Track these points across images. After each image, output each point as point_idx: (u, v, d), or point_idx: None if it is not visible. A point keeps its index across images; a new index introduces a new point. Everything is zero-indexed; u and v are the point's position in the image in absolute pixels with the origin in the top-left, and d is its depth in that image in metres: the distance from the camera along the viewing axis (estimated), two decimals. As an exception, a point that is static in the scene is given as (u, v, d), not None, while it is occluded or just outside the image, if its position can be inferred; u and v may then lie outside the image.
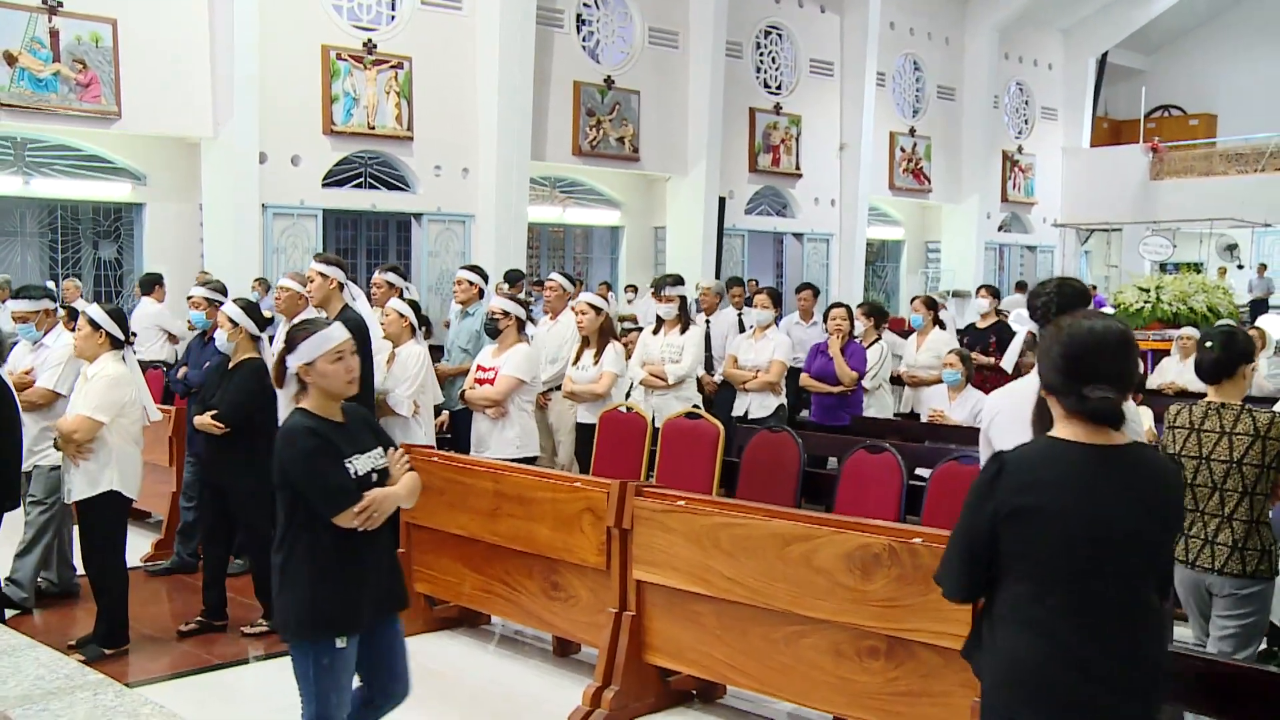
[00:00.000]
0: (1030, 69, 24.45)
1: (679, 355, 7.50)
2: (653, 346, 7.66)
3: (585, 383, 7.11)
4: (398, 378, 6.30)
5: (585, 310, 7.13)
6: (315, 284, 6.12)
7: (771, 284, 19.54)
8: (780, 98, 19.46)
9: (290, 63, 13.55)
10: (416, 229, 15.34)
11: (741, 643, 4.49)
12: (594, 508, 4.95)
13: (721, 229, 18.29)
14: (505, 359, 6.41)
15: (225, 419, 5.67)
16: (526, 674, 5.48)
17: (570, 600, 5.16)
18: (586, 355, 7.16)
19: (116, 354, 5.45)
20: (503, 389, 6.34)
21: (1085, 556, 2.52)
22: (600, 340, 7.13)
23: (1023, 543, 2.57)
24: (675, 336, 7.57)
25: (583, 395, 7.13)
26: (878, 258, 22.83)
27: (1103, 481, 2.53)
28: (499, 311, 6.53)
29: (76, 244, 13.48)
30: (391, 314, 6.45)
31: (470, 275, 8.02)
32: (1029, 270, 24.82)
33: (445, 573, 5.75)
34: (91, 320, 5.39)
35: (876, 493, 5.87)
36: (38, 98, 11.78)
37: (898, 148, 21.59)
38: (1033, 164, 24.46)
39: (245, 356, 5.79)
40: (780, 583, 4.30)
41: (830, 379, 7.92)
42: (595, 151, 16.77)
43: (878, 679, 4.07)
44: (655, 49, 17.45)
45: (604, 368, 7.07)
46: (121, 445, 5.39)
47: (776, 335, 7.92)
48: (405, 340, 6.40)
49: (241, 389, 5.71)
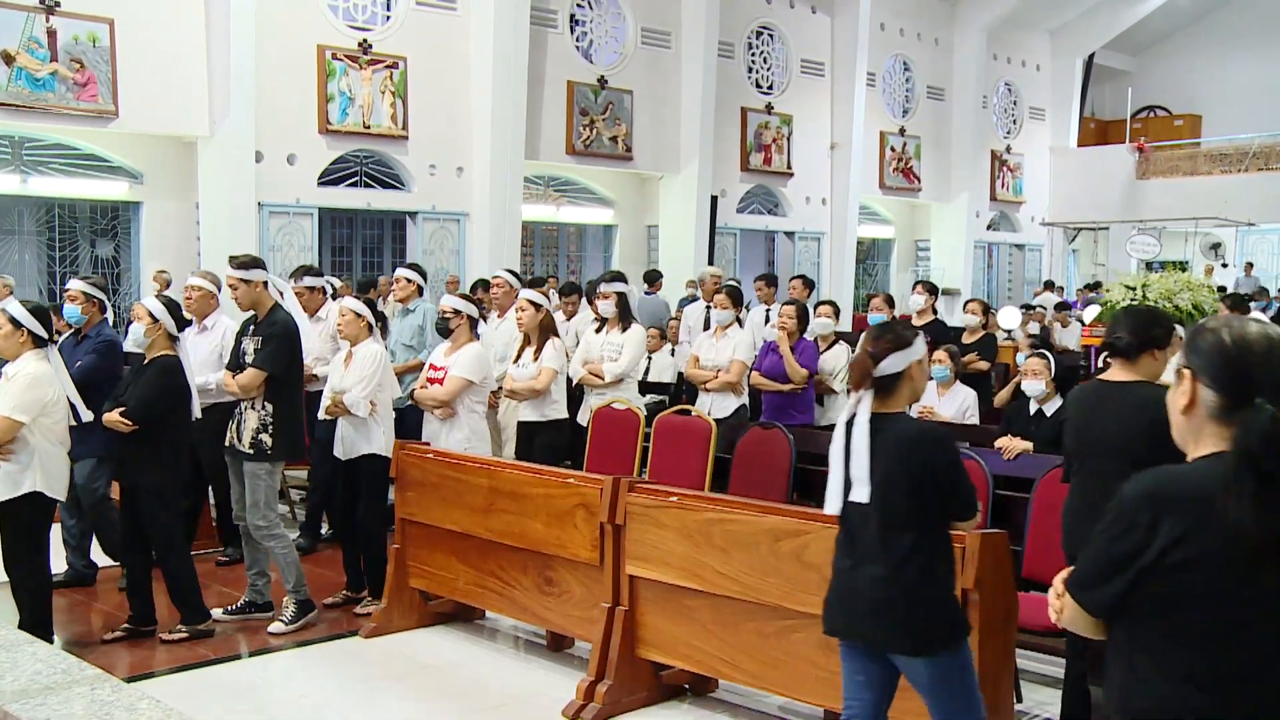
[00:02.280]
0: (1018, 69, 24.48)
1: (618, 354, 7.32)
2: (594, 345, 7.50)
3: (525, 380, 6.88)
4: (354, 378, 6.12)
5: (525, 307, 6.90)
6: (239, 290, 5.91)
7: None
8: (772, 97, 19.46)
9: (286, 62, 13.51)
10: (411, 227, 15.31)
11: (734, 637, 4.49)
12: (587, 504, 4.94)
13: (714, 227, 18.28)
14: (455, 359, 6.26)
15: (134, 416, 5.49)
16: (520, 668, 5.48)
17: (564, 595, 5.16)
18: (527, 353, 6.94)
19: (39, 352, 5.23)
20: (450, 390, 6.18)
21: None
22: (540, 337, 6.90)
23: None
24: (616, 335, 7.40)
25: (522, 393, 6.89)
26: (868, 256, 22.83)
27: None
28: (450, 310, 6.36)
29: (74, 242, 13.44)
30: (348, 313, 6.23)
31: (409, 273, 8.04)
32: (1017, 269, 24.86)
33: (440, 568, 5.75)
34: (12, 318, 5.19)
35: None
36: (35, 97, 11.73)
37: (888, 147, 21.60)
38: (1021, 163, 24.49)
39: (159, 353, 5.63)
40: (772, 578, 4.31)
41: (781, 377, 7.52)
42: (589, 150, 16.76)
43: (868, 673, 4.06)
44: (648, 49, 17.44)
45: (543, 364, 6.84)
46: (44, 445, 5.18)
47: (738, 334, 7.70)
48: (363, 339, 6.20)
49: (152, 386, 5.55)
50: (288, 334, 5.87)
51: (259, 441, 5.78)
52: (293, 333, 5.92)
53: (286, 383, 5.86)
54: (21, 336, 5.20)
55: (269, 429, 5.78)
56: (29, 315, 5.22)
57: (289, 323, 5.94)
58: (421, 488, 5.77)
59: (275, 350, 5.79)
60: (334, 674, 5.37)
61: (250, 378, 5.77)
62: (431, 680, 5.32)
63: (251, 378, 5.77)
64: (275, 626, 5.85)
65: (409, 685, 5.26)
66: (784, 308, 7.82)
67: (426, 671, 5.43)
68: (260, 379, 5.76)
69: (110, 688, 2.25)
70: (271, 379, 5.78)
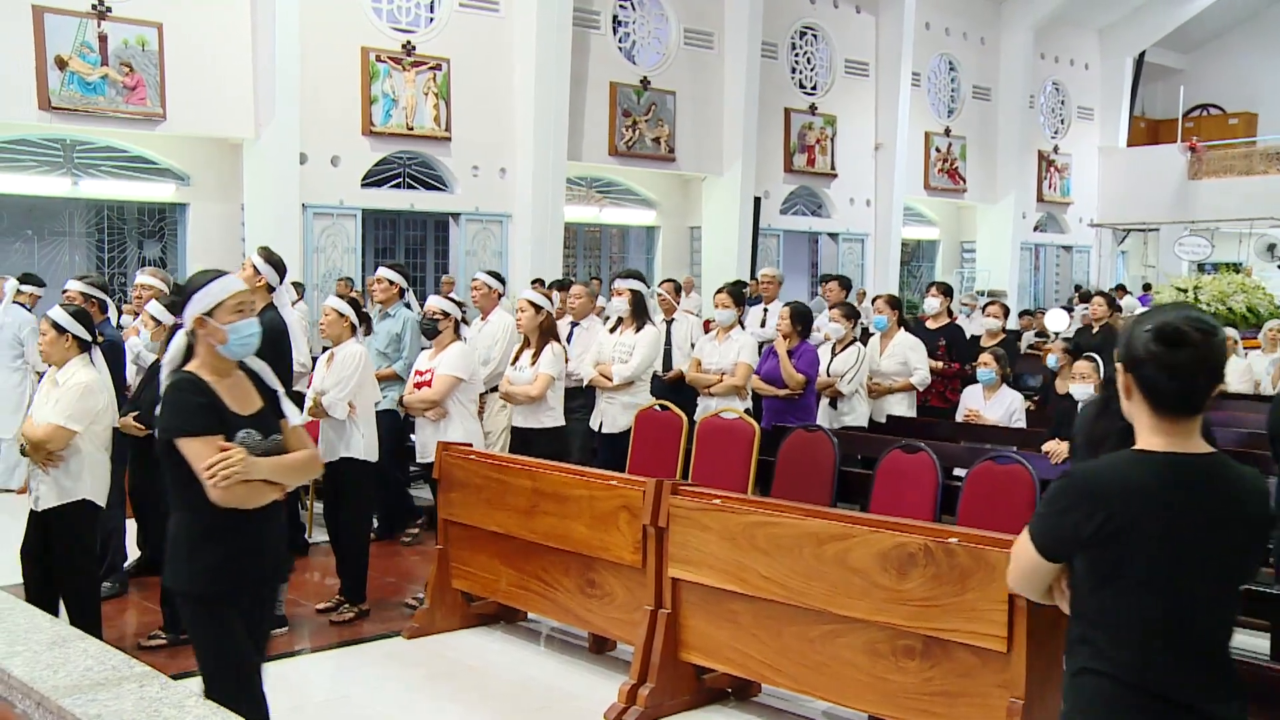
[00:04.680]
0: (1066, 68, 24.23)
1: (629, 355, 7.14)
2: (606, 345, 7.31)
3: (521, 385, 6.70)
4: (334, 379, 6.01)
5: (524, 308, 6.72)
6: (244, 274, 5.75)
7: (806, 282, 19.50)
8: (815, 98, 19.39)
9: (330, 65, 13.64)
10: (454, 229, 15.40)
11: (777, 641, 4.48)
12: (630, 506, 4.95)
13: (757, 229, 18.24)
14: (440, 359, 6.21)
15: (147, 421, 5.41)
16: (562, 671, 5.49)
17: (606, 598, 5.17)
18: (525, 356, 6.75)
19: (85, 357, 5.21)
20: (441, 389, 6.12)
21: None
22: (540, 340, 6.69)
23: None
24: (629, 335, 7.21)
25: (516, 398, 6.71)
26: (913, 258, 22.69)
27: None
28: (439, 312, 6.25)
29: (122, 244, 13.64)
30: (330, 313, 6.13)
31: (390, 274, 7.54)
32: (1064, 271, 24.61)
33: (482, 569, 5.78)
34: (55, 324, 5.15)
35: (912, 492, 5.84)
36: (87, 100, 11.92)
37: (933, 148, 21.46)
38: (1069, 164, 24.24)
39: None
40: (816, 581, 4.29)
41: (779, 382, 7.31)
42: (631, 152, 16.78)
43: (913, 678, 4.05)
44: (691, 50, 17.43)
45: (540, 369, 6.62)
46: (93, 453, 5.18)
47: (741, 336, 7.51)
48: (345, 339, 6.11)
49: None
50: (274, 335, 5.62)
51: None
52: (280, 334, 5.69)
53: None
54: (67, 342, 5.19)
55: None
56: (72, 320, 5.22)
57: (275, 324, 5.70)
58: (465, 489, 5.80)
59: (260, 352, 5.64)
60: (376, 675, 5.41)
61: None
62: (473, 682, 5.35)
63: None
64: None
65: (451, 687, 5.29)
66: (781, 309, 7.60)
67: (469, 673, 5.45)
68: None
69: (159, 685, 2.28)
70: None
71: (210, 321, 3.43)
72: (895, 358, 7.96)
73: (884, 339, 8.08)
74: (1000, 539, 3.84)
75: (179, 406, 3.40)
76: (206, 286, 3.44)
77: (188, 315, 3.47)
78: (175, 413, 3.39)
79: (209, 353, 3.48)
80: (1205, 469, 2.24)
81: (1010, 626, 3.75)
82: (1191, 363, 2.20)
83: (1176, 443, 2.24)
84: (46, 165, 12.67)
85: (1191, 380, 2.21)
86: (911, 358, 7.94)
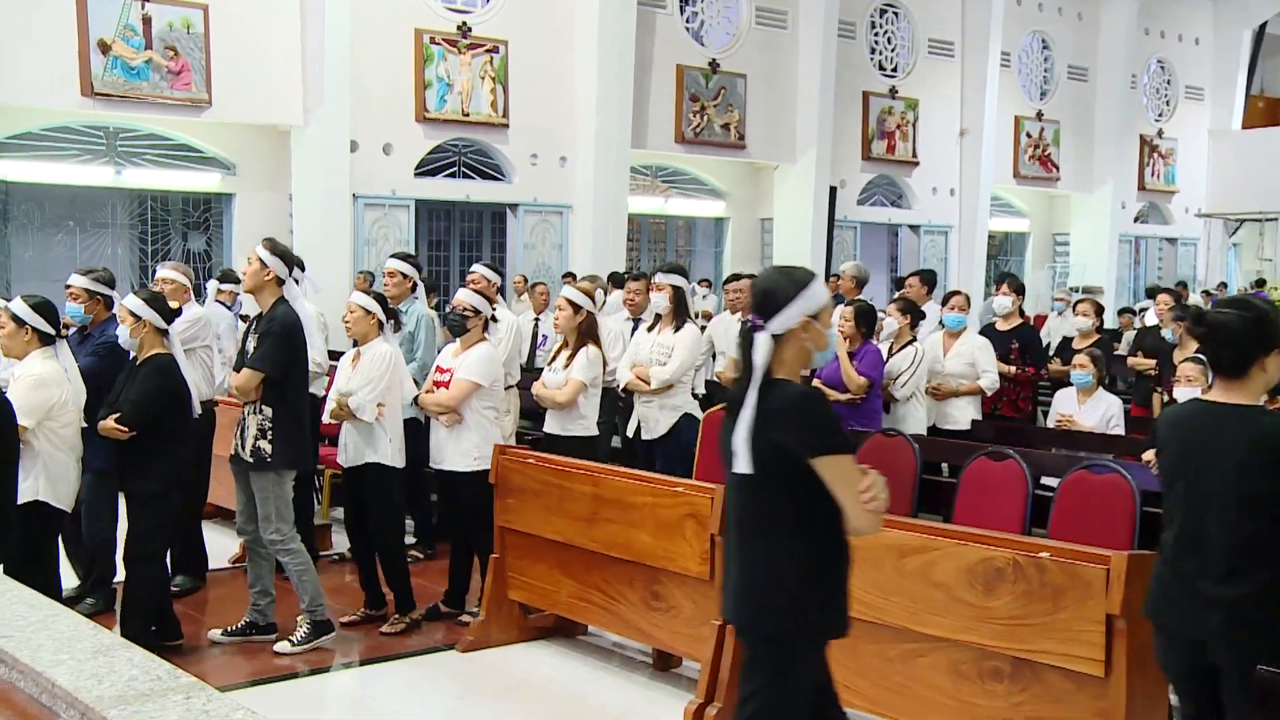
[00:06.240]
0: (1174, 44, 23.75)
1: (668, 356, 6.97)
2: (643, 346, 7.14)
3: (551, 389, 6.54)
4: (361, 379, 5.93)
5: (563, 306, 6.56)
6: (251, 268, 5.72)
7: (885, 278, 19.35)
8: (896, 80, 19.24)
9: (382, 47, 13.79)
10: (512, 220, 15.50)
11: (853, 660, 4.45)
12: (697, 514, 4.95)
13: (832, 221, 18.15)
14: (463, 359, 6.09)
15: (128, 421, 5.39)
16: (625, 688, 5.51)
17: (671, 611, 5.18)
18: (561, 358, 6.59)
19: (47, 350, 5.23)
20: (457, 394, 6.00)
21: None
22: (577, 342, 6.51)
23: None
24: (667, 335, 7.02)
25: (544, 401, 6.59)
26: (1000, 251, 22.44)
27: None
28: (468, 307, 6.12)
29: (166, 235, 13.91)
30: (356, 310, 6.03)
31: (403, 266, 7.32)
32: (1168, 265, 24.16)
33: (541, 580, 5.81)
34: (14, 316, 5.17)
35: (999, 503, 5.78)
36: (130, 86, 12.18)
37: (1023, 133, 21.19)
38: (1174, 149, 23.79)
39: (151, 353, 5.54)
40: (895, 597, 4.27)
41: (840, 385, 7.17)
42: (699, 139, 16.77)
43: (1001, 703, 4.01)
44: (763, 30, 17.38)
45: (572, 374, 6.44)
46: (50, 451, 5.16)
47: None
48: (372, 338, 6.02)
49: (144, 388, 5.45)
50: (288, 331, 5.62)
51: (258, 449, 5.60)
52: (294, 330, 5.67)
53: (286, 385, 5.66)
54: (26, 335, 5.23)
55: (267, 435, 5.60)
56: (31, 311, 5.24)
57: (290, 319, 5.66)
58: (522, 494, 5.83)
59: (272, 349, 5.57)
60: (429, 689, 5.46)
61: (245, 379, 5.60)
62: (530, 698, 5.38)
63: (246, 379, 5.60)
64: (282, 646, 5.73)
65: (507, 703, 5.33)
66: (843, 309, 7.44)
67: (525, 689, 5.49)
68: (256, 380, 5.57)
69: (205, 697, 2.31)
70: (269, 381, 5.59)
71: (815, 325, 3.33)
72: (962, 358, 7.77)
73: (948, 338, 7.92)
74: (1096, 554, 3.79)
75: (830, 419, 3.29)
76: (811, 287, 3.32)
77: (793, 315, 3.30)
78: (830, 427, 3.26)
79: (800, 356, 3.38)
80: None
81: (1109, 649, 3.70)
82: None
83: None
84: (88, 154, 12.97)
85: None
86: (980, 358, 7.77)
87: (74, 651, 2.55)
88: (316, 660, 5.77)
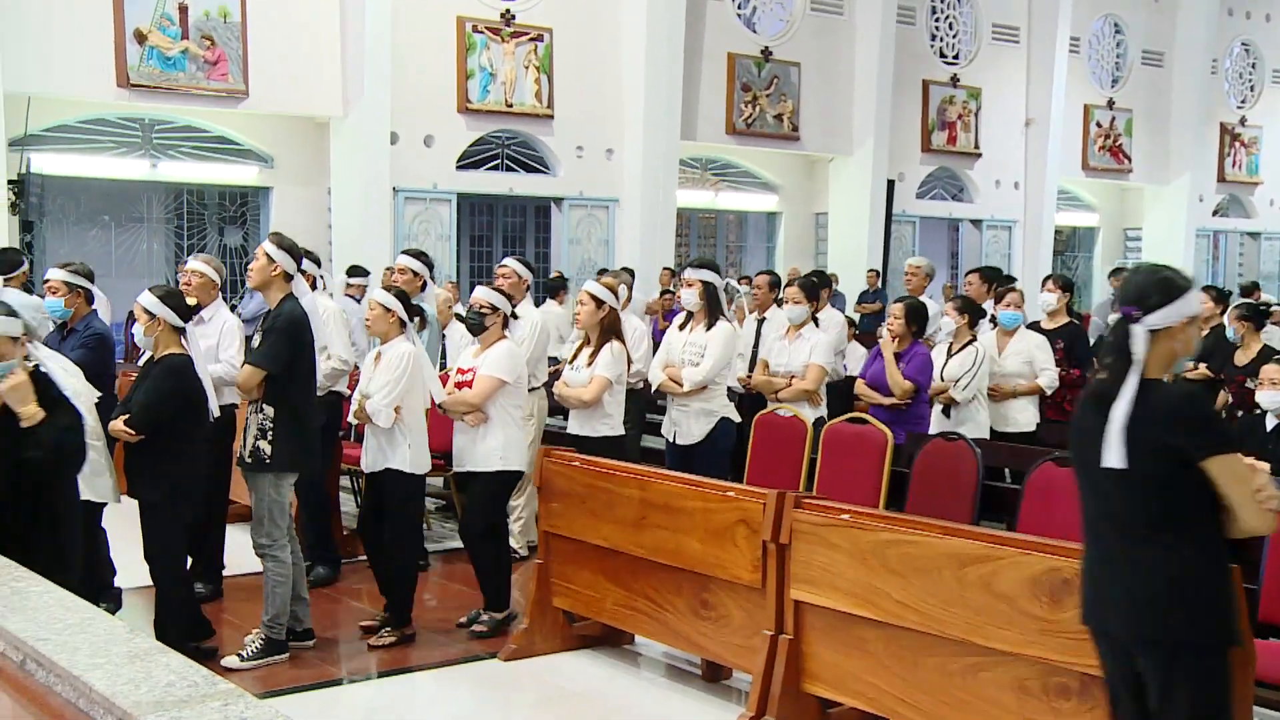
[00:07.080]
0: (1260, 25, 23.37)
1: (701, 356, 6.88)
2: (674, 345, 7.05)
3: (575, 388, 6.52)
4: (380, 381, 5.88)
5: (584, 301, 6.53)
6: (257, 263, 5.71)
7: (946, 277, 19.23)
8: (958, 68, 19.13)
9: (423, 36, 13.89)
10: (556, 214, 15.56)
11: (912, 674, 4.43)
12: (749, 520, 4.95)
13: (890, 215, 18.08)
14: (484, 358, 6.08)
15: (138, 424, 5.35)
16: (672, 699, 5.51)
17: (721, 620, 5.17)
18: (584, 355, 6.58)
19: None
20: (481, 392, 5.98)
21: None
22: (600, 338, 6.49)
23: None
24: (699, 334, 6.90)
25: (568, 400, 6.57)
26: (1067, 247, 22.25)
27: None
28: (486, 305, 6.11)
29: (202, 230, 14.09)
30: (376, 307, 5.97)
31: (413, 263, 7.29)
32: (1249, 260, 23.81)
33: (586, 587, 5.82)
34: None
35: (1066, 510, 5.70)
36: (166, 77, 12.36)
37: (1093, 122, 21.00)
38: (1258, 137, 23.42)
39: (166, 352, 5.48)
40: (956, 608, 4.24)
41: (885, 388, 7.09)
42: (751, 130, 16.75)
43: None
44: (817, 16, 17.33)
45: (596, 371, 6.42)
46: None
47: (814, 335, 7.28)
48: (393, 337, 5.97)
49: (154, 389, 5.42)
50: (292, 328, 5.61)
51: (258, 450, 5.60)
52: (299, 327, 5.65)
53: (289, 383, 5.63)
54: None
55: (268, 435, 5.59)
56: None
57: (296, 315, 5.66)
58: (567, 499, 5.85)
59: (274, 346, 5.57)
60: (471, 699, 5.50)
61: (246, 376, 5.61)
62: (575, 709, 5.40)
63: (248, 376, 5.60)
64: (230, 660, 5.57)
65: (551, 714, 5.35)
66: (893, 306, 7.35)
67: (570, 699, 5.51)
68: (257, 378, 5.56)
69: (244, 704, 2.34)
70: (271, 378, 5.58)
71: (1191, 328, 3.40)
72: (1020, 356, 7.70)
73: (1003, 336, 7.84)
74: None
75: (1218, 419, 3.42)
76: (1196, 290, 3.43)
77: (1177, 313, 3.34)
78: (1220, 427, 3.37)
79: (1168, 356, 3.40)
80: None
81: (1180, 664, 3.65)
82: None
83: None
84: (124, 146, 13.17)
85: None
86: (1039, 357, 7.69)
87: (110, 655, 2.59)
88: (357, 668, 5.83)
